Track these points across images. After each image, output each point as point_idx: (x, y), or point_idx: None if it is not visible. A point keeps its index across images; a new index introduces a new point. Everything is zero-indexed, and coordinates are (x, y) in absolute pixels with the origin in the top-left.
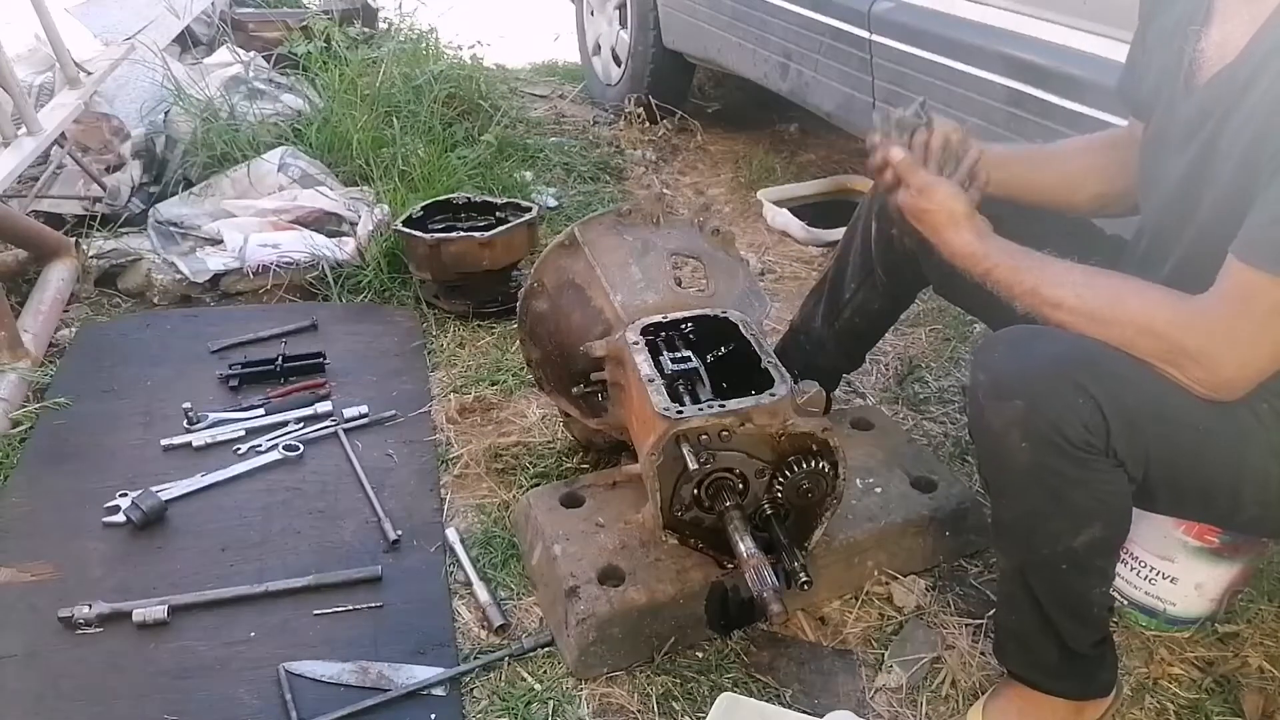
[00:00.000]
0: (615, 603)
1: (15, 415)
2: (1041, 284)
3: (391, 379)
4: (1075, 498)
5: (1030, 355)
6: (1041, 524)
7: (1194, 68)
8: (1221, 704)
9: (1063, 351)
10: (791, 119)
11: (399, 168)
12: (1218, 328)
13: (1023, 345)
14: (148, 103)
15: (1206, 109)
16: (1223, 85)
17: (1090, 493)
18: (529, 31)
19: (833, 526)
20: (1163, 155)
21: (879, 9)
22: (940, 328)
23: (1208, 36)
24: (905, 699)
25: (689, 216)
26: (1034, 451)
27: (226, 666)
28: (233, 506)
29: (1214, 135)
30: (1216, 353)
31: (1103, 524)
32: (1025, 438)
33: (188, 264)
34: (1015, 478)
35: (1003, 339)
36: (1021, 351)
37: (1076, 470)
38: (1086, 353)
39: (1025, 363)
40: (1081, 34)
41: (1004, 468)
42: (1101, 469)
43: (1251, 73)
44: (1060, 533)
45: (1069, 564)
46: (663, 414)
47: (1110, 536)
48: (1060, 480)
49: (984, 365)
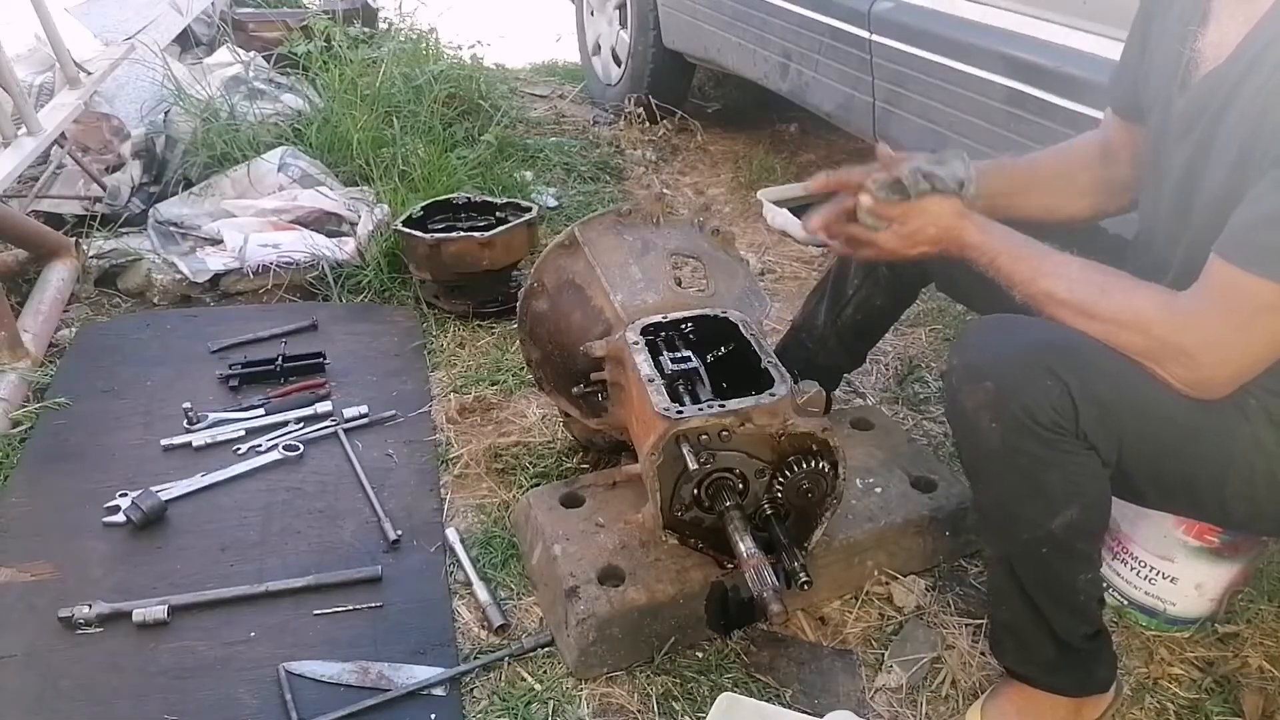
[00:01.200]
0: (615, 603)
1: (15, 415)
2: (1039, 274)
3: (391, 379)
4: (1048, 479)
5: (1004, 340)
6: (1018, 507)
7: (1190, 67)
8: (1221, 704)
9: (1036, 338)
10: (791, 119)
11: (399, 168)
12: (1197, 326)
13: (998, 331)
14: (148, 103)
15: (1200, 107)
16: (1216, 84)
17: (1063, 474)
18: (529, 31)
19: (833, 526)
20: (1161, 152)
21: (879, 9)
22: (940, 328)
23: (1204, 37)
24: (905, 699)
25: (689, 216)
26: (1004, 433)
27: (226, 666)
28: (233, 506)
29: (1208, 133)
30: (1195, 351)
31: (1079, 507)
32: (995, 419)
33: (188, 264)
34: (989, 460)
35: (980, 326)
36: (996, 337)
37: (1047, 451)
38: (1061, 340)
39: (998, 347)
40: (1081, 34)
41: (978, 450)
42: (1072, 450)
43: (1243, 71)
44: (1038, 516)
45: (1050, 548)
46: (663, 414)
47: (1088, 520)
48: (1032, 461)
49: (960, 350)
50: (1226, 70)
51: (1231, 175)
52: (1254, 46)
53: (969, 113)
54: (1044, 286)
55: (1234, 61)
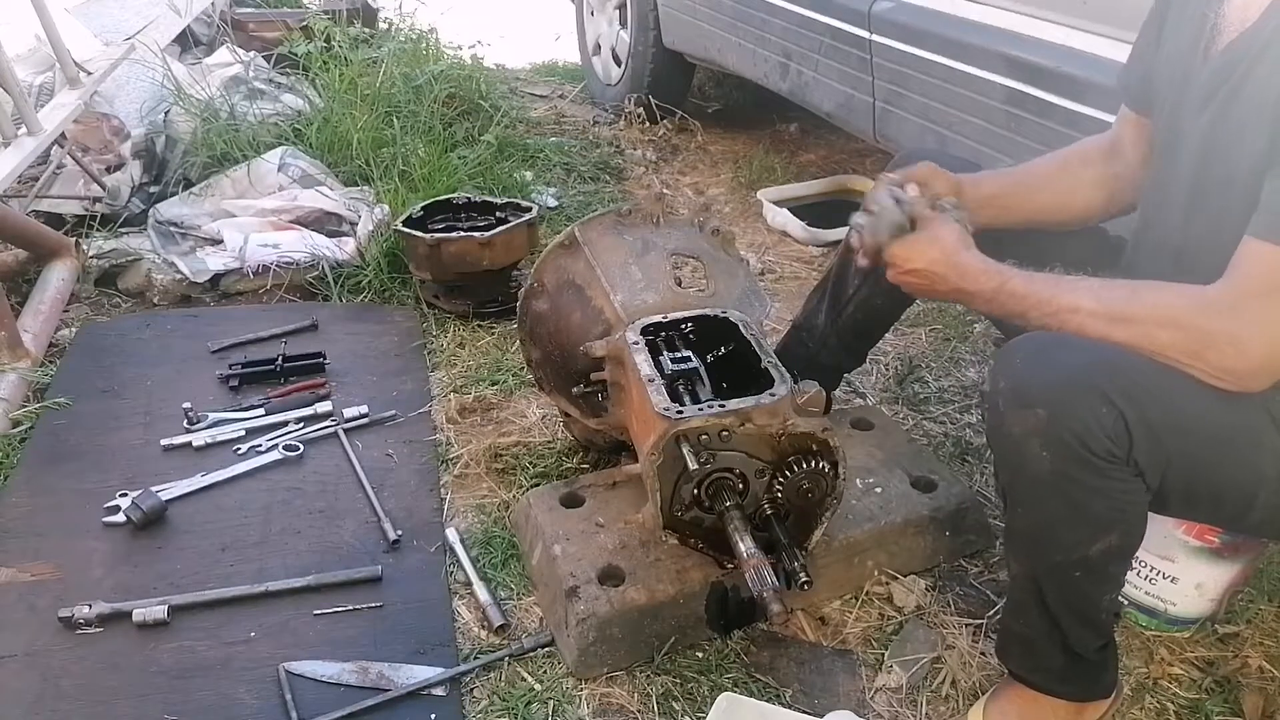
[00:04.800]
0: (615, 603)
1: (15, 415)
2: (1058, 292)
3: (391, 379)
4: (1094, 507)
5: (1053, 364)
6: (1059, 532)
7: (1214, 33)
8: (1221, 704)
9: (1086, 360)
10: (791, 119)
11: (399, 168)
12: (1242, 309)
13: (1045, 353)
14: (148, 103)
15: (1224, 74)
16: (1243, 47)
17: (1109, 502)
18: (529, 31)
19: (833, 526)
20: (1176, 131)
21: (879, 9)
22: (940, 328)
23: (1230, 2)
24: (905, 699)
25: (689, 216)
26: (1055, 460)
27: (226, 666)
28: (233, 506)
29: (1231, 97)
30: (1244, 335)
31: (1120, 533)
32: (1045, 446)
33: (188, 264)
34: (1034, 486)
35: (1023, 346)
36: (1044, 359)
37: (1097, 480)
38: (1109, 362)
39: (1048, 371)
40: (1081, 34)
41: (1023, 476)
42: (1121, 479)
43: (1271, 34)
44: (1077, 541)
45: (1083, 571)
46: (663, 414)
47: (1125, 544)
48: (1080, 489)
49: (1005, 373)
50: (1254, 33)
51: (1258, 137)
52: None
53: (969, 113)
54: (1068, 301)
55: (1261, 25)
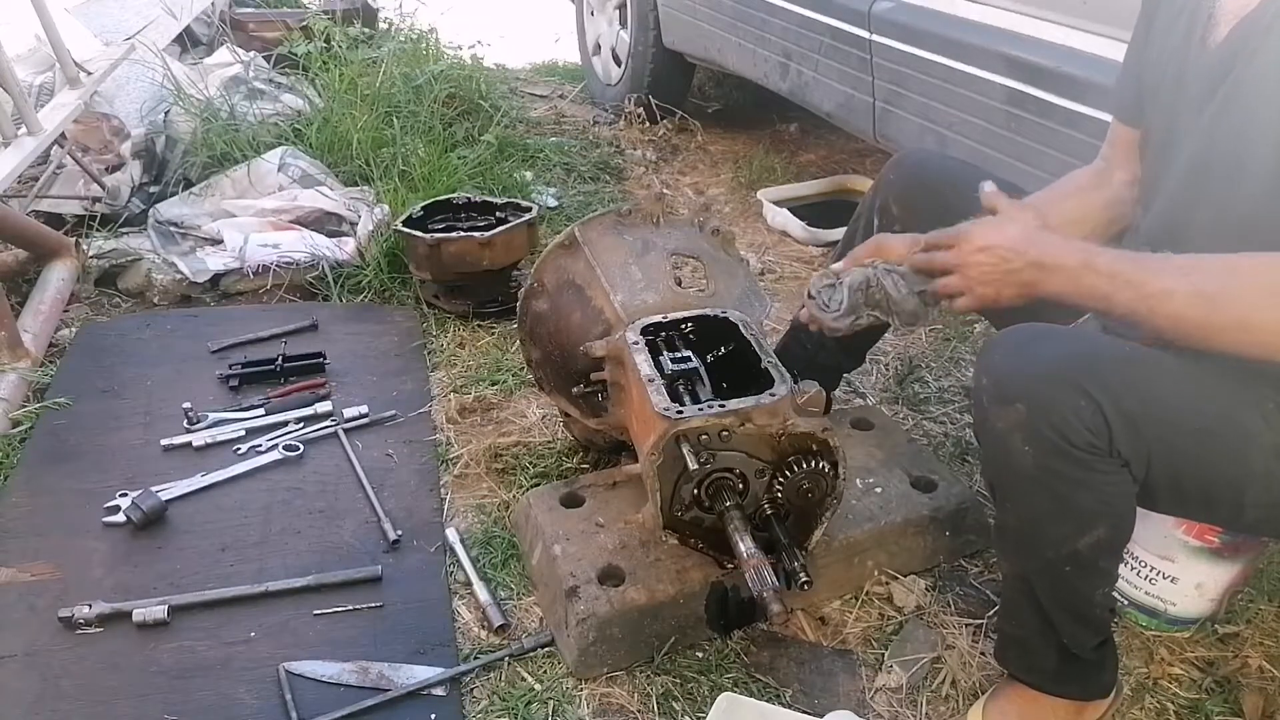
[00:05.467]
0: (615, 603)
1: (15, 415)
2: (1147, 275)
3: (391, 379)
4: (1080, 500)
5: (1031, 357)
6: (1046, 528)
7: (1212, 23)
8: (1221, 704)
9: (1063, 353)
10: (791, 119)
11: (399, 168)
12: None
13: (1024, 347)
14: (148, 103)
15: (1227, 62)
16: (1246, 31)
17: (1095, 495)
18: (529, 31)
19: (833, 526)
20: (1174, 129)
21: (879, 9)
22: (940, 328)
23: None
24: (905, 699)
25: (689, 216)
26: (1037, 455)
27: (226, 666)
28: (233, 506)
29: (1236, 83)
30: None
31: (1107, 526)
32: (1028, 441)
33: (188, 264)
34: (1019, 482)
35: (1003, 341)
36: (1022, 354)
37: (1080, 472)
38: (1087, 354)
39: (1026, 365)
40: (1081, 34)
41: (1008, 472)
42: (1106, 470)
43: (1276, 13)
44: (1065, 536)
45: (1073, 566)
46: (663, 414)
47: (1114, 538)
48: (1064, 483)
49: (986, 369)
50: (1255, 17)
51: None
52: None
53: (969, 113)
54: (1160, 285)
55: (1263, 8)
